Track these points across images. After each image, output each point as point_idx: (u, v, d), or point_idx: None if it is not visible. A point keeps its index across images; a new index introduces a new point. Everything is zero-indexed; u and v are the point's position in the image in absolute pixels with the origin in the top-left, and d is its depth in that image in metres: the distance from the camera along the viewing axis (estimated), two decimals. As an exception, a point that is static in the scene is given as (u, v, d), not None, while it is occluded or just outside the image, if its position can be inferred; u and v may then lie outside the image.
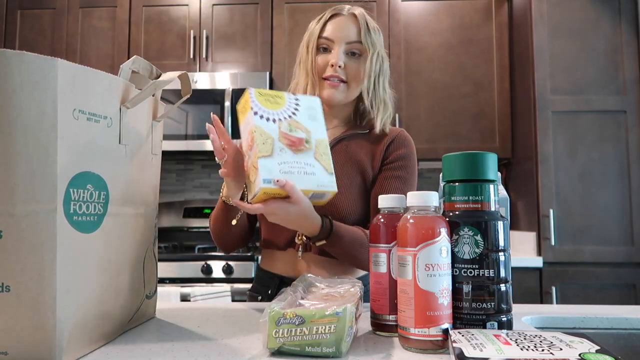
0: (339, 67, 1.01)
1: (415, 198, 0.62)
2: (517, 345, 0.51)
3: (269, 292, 1.05)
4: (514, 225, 2.46)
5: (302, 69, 1.06)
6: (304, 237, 0.99)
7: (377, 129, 1.05)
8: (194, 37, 2.55)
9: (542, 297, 2.11)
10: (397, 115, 2.47)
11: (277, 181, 0.72)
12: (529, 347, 0.50)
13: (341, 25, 1.03)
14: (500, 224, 0.62)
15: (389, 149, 1.05)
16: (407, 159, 1.06)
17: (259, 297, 1.07)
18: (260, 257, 1.12)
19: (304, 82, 1.05)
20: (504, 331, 0.57)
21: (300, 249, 1.01)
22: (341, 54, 1.02)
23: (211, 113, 0.91)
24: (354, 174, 1.02)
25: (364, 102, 1.05)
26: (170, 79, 0.71)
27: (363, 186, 1.03)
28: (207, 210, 2.69)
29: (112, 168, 0.63)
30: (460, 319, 0.61)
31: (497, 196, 0.64)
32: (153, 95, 0.75)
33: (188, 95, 0.80)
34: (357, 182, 1.02)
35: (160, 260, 2.08)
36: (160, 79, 0.72)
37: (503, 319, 0.61)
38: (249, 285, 1.57)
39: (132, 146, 0.68)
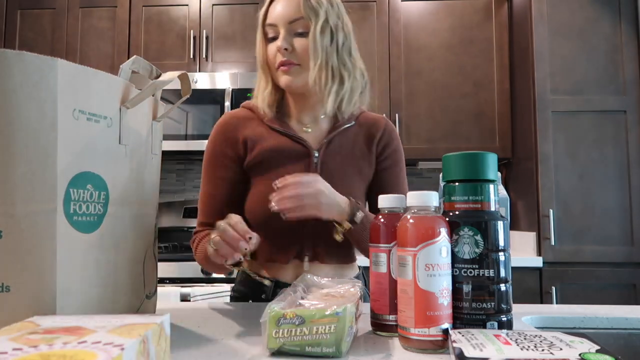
0: (285, 49, 0.92)
1: (415, 198, 0.62)
2: (517, 345, 0.51)
3: (263, 296, 0.98)
4: (514, 225, 2.46)
5: (259, 66, 0.99)
6: (340, 228, 0.88)
7: (329, 108, 0.95)
8: (194, 37, 2.55)
9: (542, 297, 2.11)
10: (397, 115, 2.47)
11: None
12: (529, 347, 0.50)
13: (282, 5, 0.94)
14: (500, 224, 0.62)
15: (381, 142, 1.03)
16: (398, 150, 1.05)
17: (250, 301, 1.01)
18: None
19: (264, 79, 0.98)
20: (504, 331, 0.57)
21: (306, 259, 0.96)
22: (286, 35, 0.93)
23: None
24: (349, 173, 0.98)
25: (311, 82, 0.93)
26: (170, 79, 0.71)
27: (359, 184, 0.99)
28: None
29: (112, 168, 0.63)
30: (460, 319, 0.61)
31: (497, 196, 0.64)
32: (153, 95, 0.75)
33: (188, 95, 0.80)
34: (352, 181, 0.98)
35: (160, 260, 2.08)
36: (160, 79, 0.72)
37: (503, 319, 0.61)
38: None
39: (132, 146, 0.68)
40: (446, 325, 0.58)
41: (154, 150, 0.76)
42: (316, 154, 0.97)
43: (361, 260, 1.08)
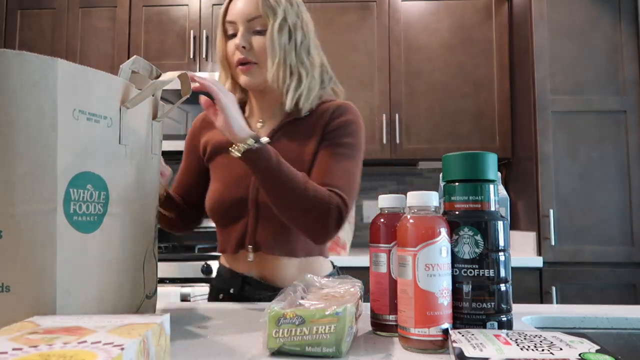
0: (243, 47, 0.94)
1: (415, 198, 0.62)
2: (517, 345, 0.51)
3: (232, 290, 1.02)
4: (514, 225, 2.46)
5: (218, 61, 1.01)
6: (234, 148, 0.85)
7: (288, 105, 0.96)
8: (194, 37, 2.55)
9: (542, 297, 2.11)
10: (397, 115, 2.48)
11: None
12: (529, 347, 0.50)
13: (241, 3, 0.95)
14: (500, 224, 0.62)
15: (330, 118, 0.97)
16: (348, 124, 0.97)
17: (221, 296, 1.04)
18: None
19: (224, 74, 1.02)
20: (504, 331, 0.57)
21: (250, 250, 0.98)
22: (244, 33, 0.94)
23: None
24: (299, 163, 0.94)
25: (270, 79, 0.95)
26: (170, 79, 0.71)
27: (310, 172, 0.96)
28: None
29: (112, 168, 0.63)
30: (460, 319, 0.61)
31: (497, 196, 0.64)
32: (153, 95, 0.76)
33: (188, 95, 0.80)
34: (304, 170, 0.94)
35: (160, 260, 2.08)
36: (160, 79, 0.72)
37: (503, 319, 0.61)
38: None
39: (132, 146, 0.68)
40: (446, 325, 0.59)
41: (154, 150, 0.76)
42: None
43: (339, 260, 1.08)
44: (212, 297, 1.08)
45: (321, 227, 0.88)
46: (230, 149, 0.84)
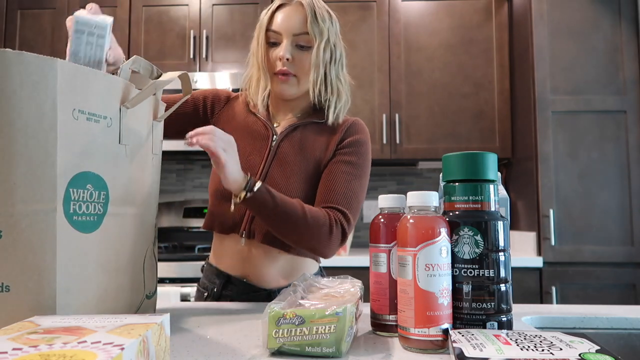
0: (287, 60, 0.98)
1: (415, 198, 0.62)
2: (517, 345, 0.51)
3: (215, 289, 1.03)
4: (514, 225, 2.46)
5: (254, 61, 1.04)
6: (235, 199, 0.88)
7: (330, 119, 1.03)
8: (194, 37, 2.55)
9: (542, 297, 2.11)
10: (397, 115, 2.48)
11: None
12: (529, 347, 0.50)
13: (288, 16, 0.99)
14: (500, 224, 0.62)
15: (344, 135, 1.03)
16: (360, 144, 1.03)
17: (205, 294, 1.06)
18: (210, 253, 1.11)
19: (256, 75, 1.03)
20: (504, 331, 0.57)
21: (243, 235, 0.99)
22: (288, 46, 0.98)
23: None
24: (305, 162, 1.01)
25: (311, 94, 1.02)
26: (170, 79, 0.71)
27: (314, 175, 1.01)
28: (206, 210, 2.68)
29: (112, 168, 0.63)
30: (460, 319, 0.61)
31: (497, 196, 0.64)
32: (154, 95, 0.75)
33: (188, 96, 0.80)
34: (307, 170, 1.00)
35: (160, 260, 2.08)
36: (161, 79, 0.72)
37: (503, 319, 0.61)
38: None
39: (132, 146, 0.68)
40: (446, 325, 0.59)
41: (154, 150, 0.76)
42: (274, 137, 1.03)
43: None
44: (197, 296, 1.10)
45: (324, 247, 0.93)
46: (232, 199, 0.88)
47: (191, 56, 2.54)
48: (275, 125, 1.07)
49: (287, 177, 0.99)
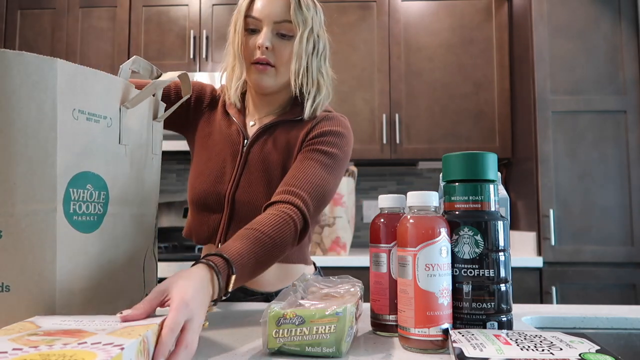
0: (266, 48, 0.91)
1: (415, 198, 0.62)
2: (517, 345, 0.51)
3: None
4: (514, 225, 2.46)
5: (230, 50, 0.97)
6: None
7: (307, 113, 0.96)
8: (194, 37, 2.55)
9: (542, 297, 2.11)
10: (397, 115, 2.47)
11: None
12: (529, 347, 0.50)
13: (269, 2, 0.92)
14: (500, 224, 0.62)
15: (315, 125, 0.95)
16: (340, 136, 0.94)
17: None
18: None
19: (232, 64, 0.97)
20: (504, 331, 0.57)
21: (219, 244, 0.95)
22: (269, 34, 0.91)
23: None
24: (273, 166, 0.94)
25: (292, 85, 0.95)
26: (170, 79, 0.71)
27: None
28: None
29: (112, 168, 0.63)
30: (460, 319, 0.61)
31: (497, 196, 0.64)
32: (153, 95, 0.75)
33: (188, 96, 0.80)
34: (277, 175, 0.94)
35: (160, 260, 2.08)
36: (160, 79, 0.72)
37: (503, 319, 0.61)
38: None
39: (132, 146, 0.68)
40: (446, 325, 0.58)
41: (154, 150, 0.76)
42: (245, 142, 0.98)
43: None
44: None
45: (292, 248, 0.84)
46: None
47: (191, 56, 2.54)
48: (251, 124, 1.01)
49: (257, 185, 0.94)
